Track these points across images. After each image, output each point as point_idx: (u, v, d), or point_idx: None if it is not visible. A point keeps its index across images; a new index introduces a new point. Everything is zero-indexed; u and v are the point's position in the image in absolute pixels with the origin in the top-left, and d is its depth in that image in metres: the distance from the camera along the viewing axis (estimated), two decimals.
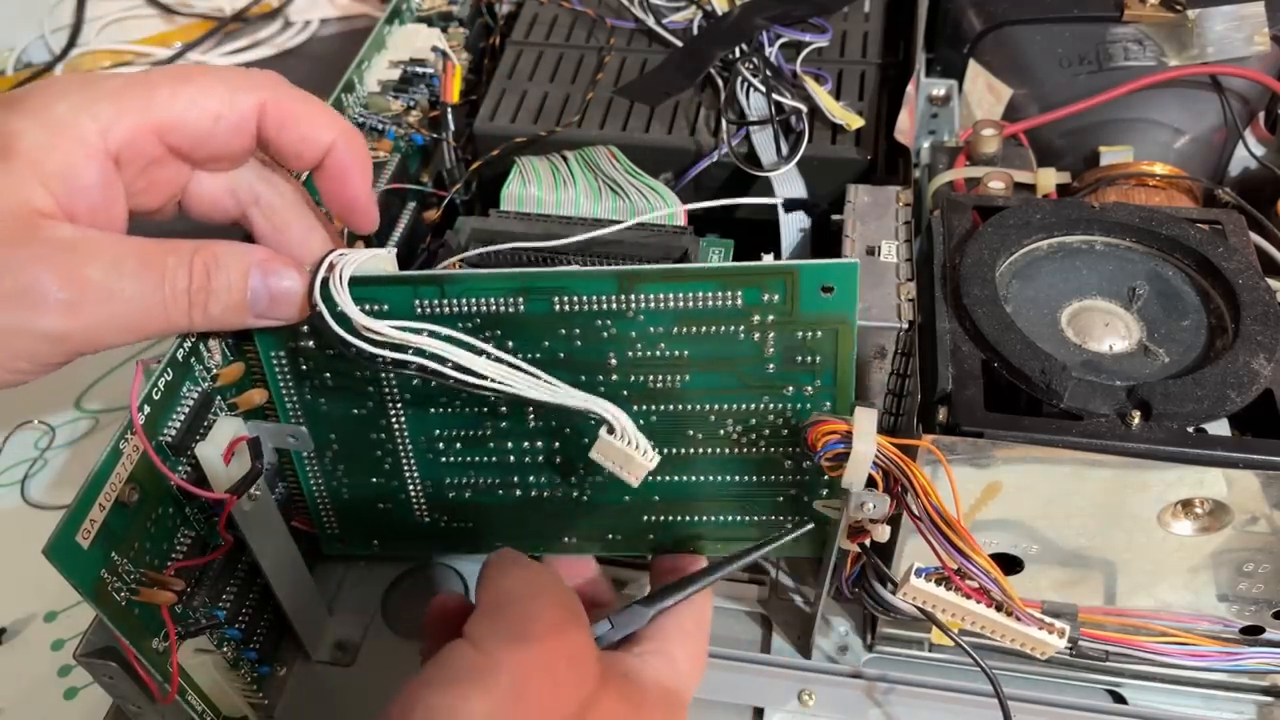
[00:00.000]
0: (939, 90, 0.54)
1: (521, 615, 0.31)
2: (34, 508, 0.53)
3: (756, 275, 0.33)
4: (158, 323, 0.31)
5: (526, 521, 0.41)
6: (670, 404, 0.37)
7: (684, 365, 0.36)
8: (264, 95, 0.33)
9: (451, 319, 0.35)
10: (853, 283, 0.33)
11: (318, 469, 0.41)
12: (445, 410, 0.38)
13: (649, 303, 0.34)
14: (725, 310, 0.34)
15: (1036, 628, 0.32)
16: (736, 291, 0.34)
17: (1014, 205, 0.39)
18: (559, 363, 0.36)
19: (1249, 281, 0.36)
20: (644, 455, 0.34)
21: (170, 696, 0.35)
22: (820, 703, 0.41)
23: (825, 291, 0.33)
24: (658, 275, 0.34)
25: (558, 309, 0.35)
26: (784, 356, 0.35)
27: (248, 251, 0.33)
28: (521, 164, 0.47)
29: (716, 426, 0.37)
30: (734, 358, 0.35)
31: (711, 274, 0.34)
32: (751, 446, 0.38)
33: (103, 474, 0.32)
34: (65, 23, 0.84)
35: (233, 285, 0.33)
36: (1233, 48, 0.49)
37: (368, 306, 0.35)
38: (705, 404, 0.37)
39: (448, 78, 0.53)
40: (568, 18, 0.58)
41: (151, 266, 0.31)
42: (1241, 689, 0.40)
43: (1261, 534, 0.33)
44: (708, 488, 0.39)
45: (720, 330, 0.35)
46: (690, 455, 0.38)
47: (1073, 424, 0.33)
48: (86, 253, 0.30)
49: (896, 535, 0.36)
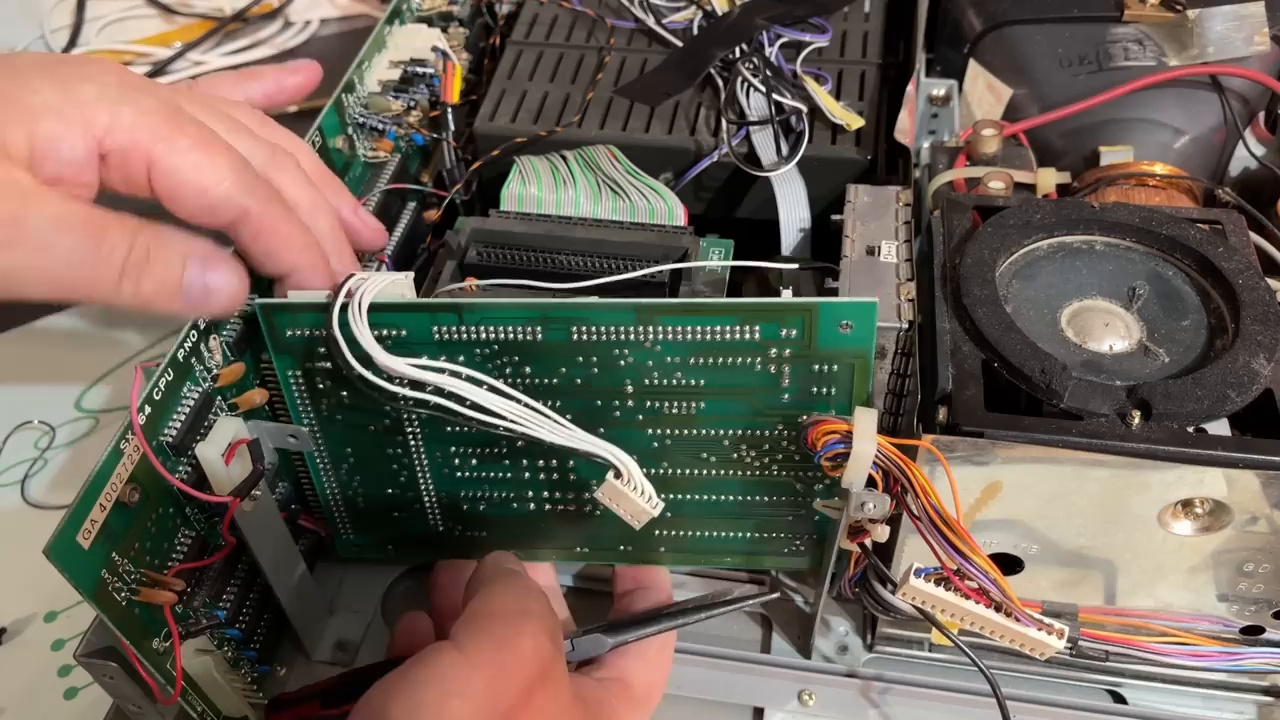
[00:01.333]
0: (939, 90, 0.54)
1: (510, 633, 0.32)
2: (34, 508, 0.53)
3: (775, 311, 0.34)
4: (84, 285, 0.32)
5: (539, 531, 0.41)
6: (684, 429, 0.37)
7: (699, 393, 0.36)
8: (253, 205, 0.34)
9: (468, 345, 0.35)
10: (871, 320, 0.34)
11: (333, 478, 0.41)
12: (461, 429, 0.38)
13: (666, 335, 0.35)
14: (742, 343, 0.35)
15: (1036, 628, 0.32)
16: (754, 326, 0.34)
17: (1014, 205, 0.39)
18: (575, 389, 0.36)
19: (1249, 281, 0.36)
20: (649, 502, 0.34)
21: (173, 697, 0.35)
22: (820, 703, 0.41)
23: (844, 328, 0.34)
24: (677, 309, 0.34)
25: (575, 338, 0.35)
26: (800, 388, 0.35)
27: (189, 240, 0.34)
28: (521, 164, 0.47)
29: (730, 451, 0.38)
30: (749, 388, 0.36)
31: (730, 309, 0.34)
32: (764, 470, 0.38)
33: (103, 474, 0.32)
34: (65, 23, 0.84)
35: (170, 267, 0.33)
36: (1233, 48, 0.49)
37: (384, 331, 0.35)
38: (719, 429, 0.37)
39: (448, 78, 0.53)
40: (568, 18, 0.58)
41: (92, 230, 0.31)
42: (1241, 689, 0.40)
43: (1261, 534, 0.33)
44: (718, 506, 0.40)
45: (736, 362, 0.35)
46: (701, 476, 0.39)
47: (1073, 424, 0.33)
48: (34, 201, 0.30)
49: (896, 535, 0.36)
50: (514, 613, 0.33)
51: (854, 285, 0.39)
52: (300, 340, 0.37)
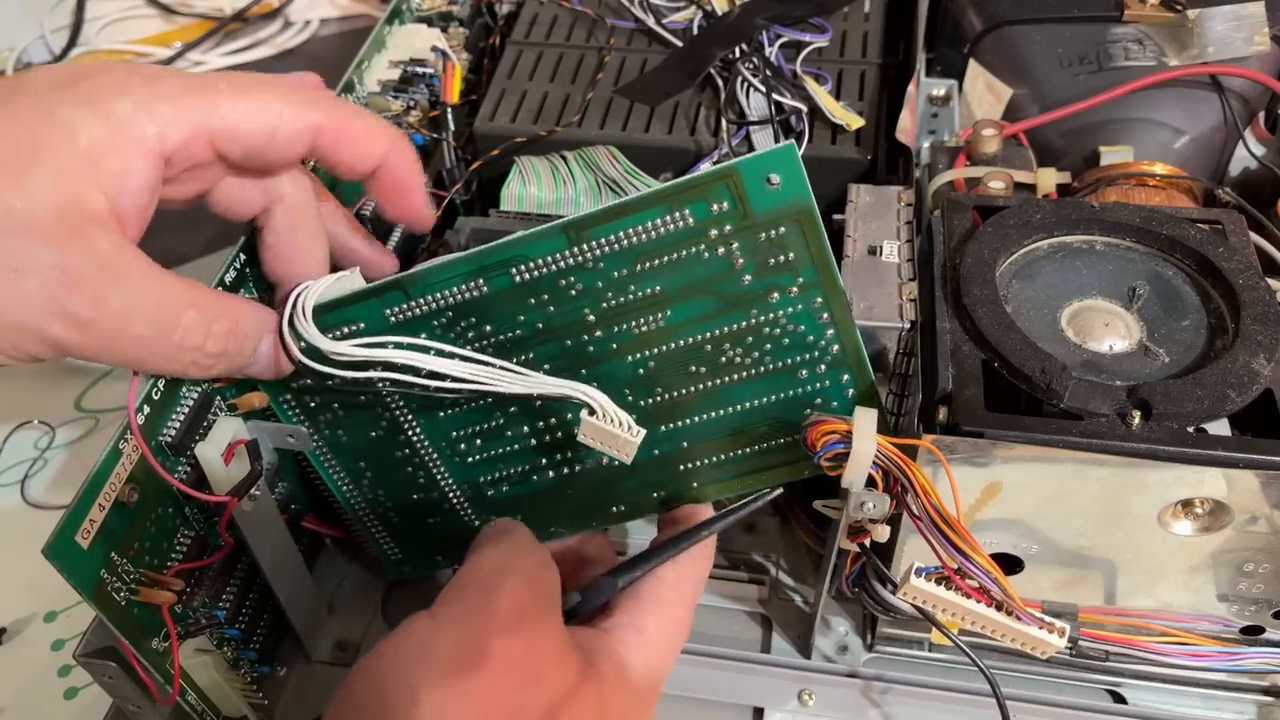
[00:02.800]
0: (939, 90, 0.54)
1: (486, 593, 0.31)
2: (34, 508, 0.53)
3: (698, 187, 0.32)
4: (152, 363, 0.32)
5: (570, 499, 0.40)
6: (663, 345, 0.35)
7: (661, 300, 0.34)
8: (320, 116, 0.33)
9: (425, 319, 0.35)
10: (796, 165, 0.32)
11: (359, 496, 0.41)
12: (453, 410, 0.38)
13: (603, 248, 0.33)
14: (680, 232, 0.33)
15: (1037, 627, 0.32)
16: (684, 210, 0.32)
17: (1014, 205, 0.39)
18: (540, 334, 0.35)
19: (1249, 281, 0.36)
20: (629, 431, 0.33)
21: (172, 698, 0.35)
22: (820, 703, 0.41)
23: (771, 184, 0.32)
24: (602, 217, 0.33)
25: (518, 279, 0.34)
26: (756, 264, 0.34)
27: (264, 319, 0.34)
28: (521, 164, 0.47)
29: (716, 355, 0.36)
30: (707, 278, 0.34)
31: (653, 199, 0.33)
32: (758, 365, 0.36)
33: (102, 474, 0.32)
34: (65, 23, 0.84)
35: (243, 354, 0.34)
36: (1233, 48, 0.49)
37: (344, 330, 0.35)
38: (695, 334, 0.35)
39: (448, 78, 0.53)
40: (568, 18, 0.58)
41: (167, 316, 0.31)
42: (1241, 689, 0.40)
43: (1261, 534, 0.33)
44: (732, 419, 0.37)
45: (682, 255, 0.33)
46: (699, 392, 0.37)
47: (1073, 424, 0.33)
48: (117, 276, 0.29)
49: (896, 535, 0.36)
50: (493, 571, 0.32)
51: (856, 285, 0.39)
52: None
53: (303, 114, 0.33)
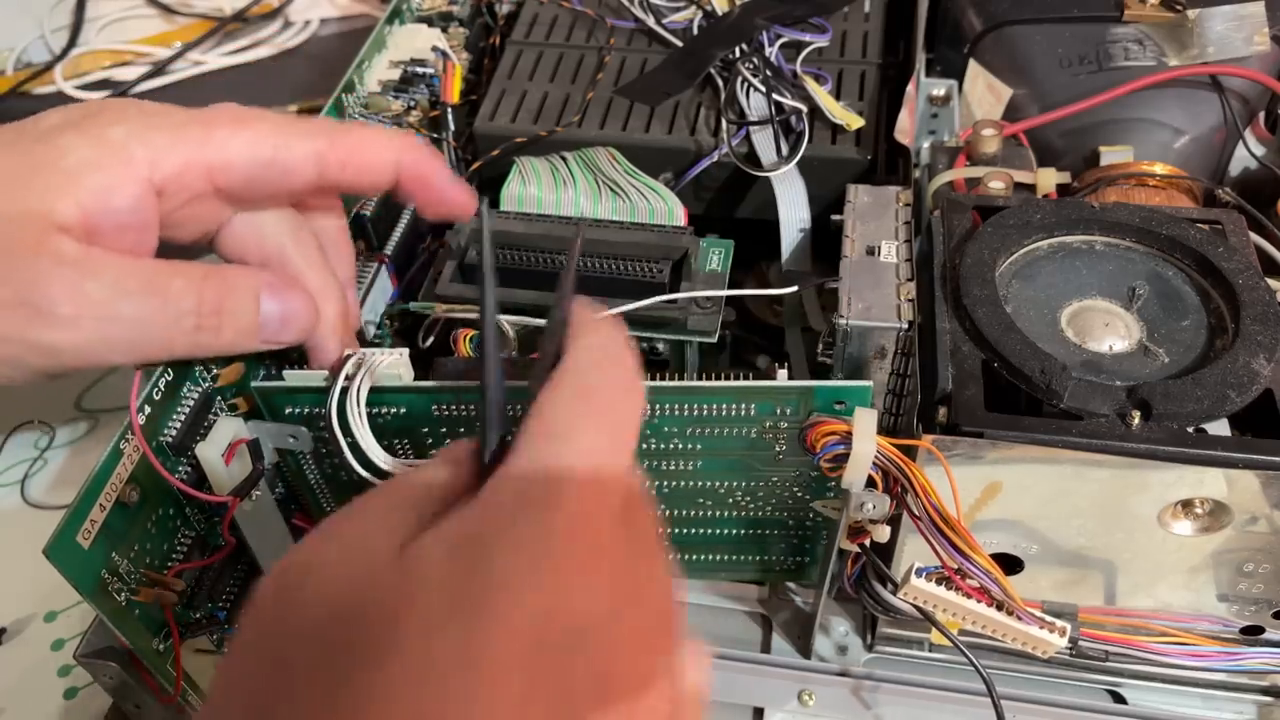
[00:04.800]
0: (939, 90, 0.54)
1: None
2: (34, 508, 0.53)
3: (772, 393, 0.34)
4: (158, 345, 0.31)
5: None
6: (681, 481, 0.38)
7: (697, 454, 0.37)
8: (320, 143, 0.33)
9: (470, 420, 0.36)
10: (866, 400, 0.34)
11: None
12: None
13: (665, 410, 0.35)
14: (739, 418, 0.36)
15: (1037, 626, 0.32)
16: (751, 405, 0.35)
17: (1014, 205, 0.39)
18: None
19: (1249, 281, 0.36)
20: None
21: (173, 697, 0.35)
22: (820, 703, 0.41)
23: (838, 405, 0.34)
24: (675, 391, 0.35)
25: None
26: (793, 449, 0.36)
27: (255, 273, 0.34)
28: (521, 164, 0.47)
29: (725, 496, 0.39)
30: (746, 451, 0.37)
31: (727, 391, 0.35)
32: (758, 510, 0.40)
33: (103, 474, 0.32)
34: (65, 23, 0.84)
35: (245, 309, 0.33)
36: (1233, 48, 0.49)
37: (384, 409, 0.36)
38: (714, 482, 0.38)
39: (448, 78, 0.53)
40: (568, 18, 0.58)
41: (154, 289, 0.30)
42: (1241, 689, 0.40)
43: (1261, 534, 0.33)
44: (717, 539, 0.41)
45: (733, 433, 0.36)
46: (698, 516, 0.40)
47: (1073, 424, 0.33)
48: (89, 270, 0.29)
49: (896, 535, 0.36)
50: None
51: (854, 285, 0.39)
52: (299, 418, 0.37)
53: (302, 142, 0.33)
